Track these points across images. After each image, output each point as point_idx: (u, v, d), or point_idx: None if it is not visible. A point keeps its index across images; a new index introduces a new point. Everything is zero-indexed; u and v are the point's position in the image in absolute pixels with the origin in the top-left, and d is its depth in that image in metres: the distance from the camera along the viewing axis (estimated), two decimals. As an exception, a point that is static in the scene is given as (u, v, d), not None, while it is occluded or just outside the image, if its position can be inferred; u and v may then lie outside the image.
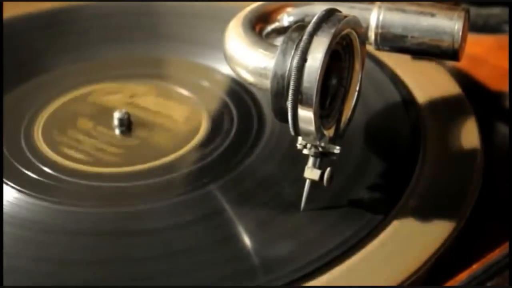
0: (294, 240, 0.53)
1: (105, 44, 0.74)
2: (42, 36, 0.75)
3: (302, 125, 0.50)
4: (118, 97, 0.68)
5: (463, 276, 0.51)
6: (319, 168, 0.52)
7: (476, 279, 0.51)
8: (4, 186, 0.58)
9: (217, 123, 0.64)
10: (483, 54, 0.74)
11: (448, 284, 0.51)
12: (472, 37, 0.60)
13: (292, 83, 0.48)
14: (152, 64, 0.72)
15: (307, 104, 0.49)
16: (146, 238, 0.53)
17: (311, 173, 0.53)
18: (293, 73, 0.48)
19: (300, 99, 0.49)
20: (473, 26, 0.74)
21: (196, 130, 0.63)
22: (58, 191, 0.58)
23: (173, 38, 0.74)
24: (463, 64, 0.69)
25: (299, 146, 0.53)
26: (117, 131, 0.64)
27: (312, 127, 0.49)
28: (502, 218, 0.57)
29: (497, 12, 0.76)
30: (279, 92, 0.50)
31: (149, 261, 0.51)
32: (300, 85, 0.48)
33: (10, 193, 0.57)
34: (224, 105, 0.66)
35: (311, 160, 0.53)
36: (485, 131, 0.62)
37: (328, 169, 0.52)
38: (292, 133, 0.51)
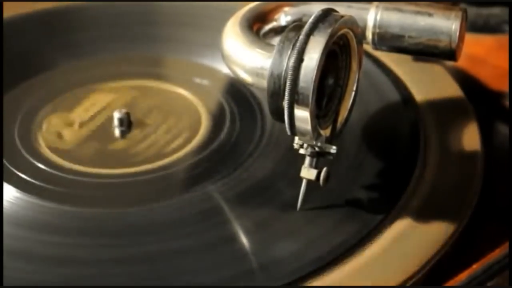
0: (293, 241, 0.53)
1: (105, 44, 0.74)
2: (42, 36, 0.75)
3: (298, 124, 0.50)
4: (118, 96, 0.68)
5: (463, 276, 0.51)
6: (316, 167, 0.52)
7: (476, 279, 0.51)
8: (4, 185, 0.58)
9: (217, 123, 0.64)
10: (483, 54, 0.73)
11: (448, 284, 0.51)
12: (472, 37, 0.60)
13: (288, 82, 0.49)
14: (152, 64, 0.72)
15: (303, 104, 0.49)
16: (145, 238, 0.53)
17: (307, 172, 0.53)
18: (290, 73, 0.49)
19: (296, 99, 0.49)
20: (473, 26, 0.75)
21: (195, 130, 0.63)
22: (58, 191, 0.58)
23: (172, 38, 0.74)
24: (463, 64, 0.70)
25: (295, 146, 0.53)
26: (117, 131, 0.64)
27: (308, 127, 0.49)
28: (502, 219, 0.57)
29: (497, 12, 0.76)
30: (275, 92, 0.50)
31: (148, 261, 0.51)
32: (296, 85, 0.49)
33: (10, 193, 0.57)
34: (224, 105, 0.66)
35: (307, 160, 0.53)
36: (485, 132, 0.62)
37: (325, 168, 0.52)
38: (289, 132, 0.51)
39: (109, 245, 0.53)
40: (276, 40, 0.52)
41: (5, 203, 0.56)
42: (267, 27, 0.58)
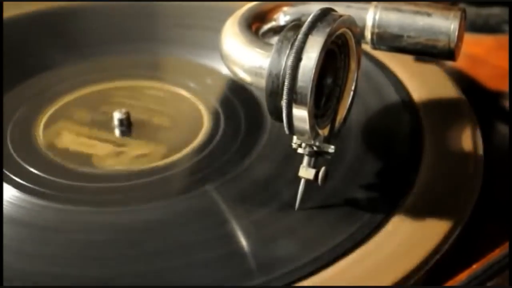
0: (293, 240, 0.53)
1: (105, 44, 0.74)
2: (42, 36, 0.75)
3: (296, 124, 0.50)
4: (118, 97, 0.68)
5: (463, 276, 0.51)
6: (314, 167, 0.52)
7: (476, 279, 0.51)
8: (4, 185, 0.58)
9: (216, 123, 0.64)
10: (483, 54, 0.74)
11: (448, 284, 0.51)
12: (472, 37, 0.60)
13: (286, 82, 0.49)
14: (152, 64, 0.73)
15: (301, 103, 0.49)
16: (144, 238, 0.53)
17: (305, 172, 0.53)
18: (288, 72, 0.49)
19: (294, 98, 0.49)
20: (473, 26, 0.75)
21: (195, 131, 0.63)
22: (58, 191, 0.58)
23: (172, 38, 0.74)
24: (463, 64, 0.70)
25: (294, 145, 0.52)
26: (117, 132, 0.64)
27: (306, 126, 0.49)
28: (502, 218, 0.57)
29: (497, 12, 0.76)
30: (274, 91, 0.50)
31: (147, 261, 0.51)
32: (294, 84, 0.49)
33: (10, 193, 0.57)
34: (224, 106, 0.66)
35: (306, 159, 0.53)
36: (485, 132, 0.62)
37: (323, 168, 0.52)
38: (287, 132, 0.51)
39: (108, 245, 0.53)
40: (275, 40, 0.52)
41: (5, 203, 0.56)
42: (266, 26, 0.58)
